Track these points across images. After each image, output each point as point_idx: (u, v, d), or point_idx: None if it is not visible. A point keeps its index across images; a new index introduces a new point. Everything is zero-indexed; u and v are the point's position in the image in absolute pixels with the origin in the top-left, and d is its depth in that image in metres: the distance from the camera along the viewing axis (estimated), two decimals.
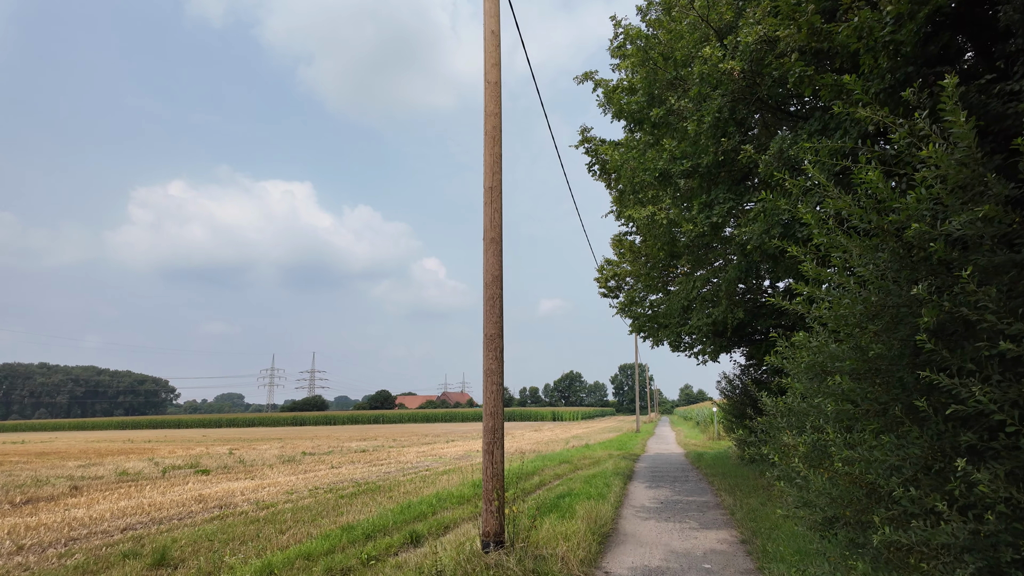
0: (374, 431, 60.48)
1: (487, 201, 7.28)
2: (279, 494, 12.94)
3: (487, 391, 6.90)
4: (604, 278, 20.87)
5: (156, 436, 61.91)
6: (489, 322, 7.01)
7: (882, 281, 3.52)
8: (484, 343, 7.01)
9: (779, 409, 5.85)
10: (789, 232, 6.16)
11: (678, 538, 8.45)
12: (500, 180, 7.36)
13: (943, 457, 3.44)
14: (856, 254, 3.59)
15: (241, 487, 14.21)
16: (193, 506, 11.38)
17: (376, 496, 12.26)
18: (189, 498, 12.31)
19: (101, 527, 9.39)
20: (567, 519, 8.54)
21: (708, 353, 16.92)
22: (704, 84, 7.00)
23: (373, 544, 7.72)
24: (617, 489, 12.62)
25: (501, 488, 6.62)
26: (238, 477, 16.77)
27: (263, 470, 18.66)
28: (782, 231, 6.15)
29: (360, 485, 14.21)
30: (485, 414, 6.86)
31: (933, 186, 3.21)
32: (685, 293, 11.63)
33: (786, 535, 7.83)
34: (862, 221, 3.68)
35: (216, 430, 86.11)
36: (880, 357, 3.61)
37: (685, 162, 7.47)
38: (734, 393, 18.76)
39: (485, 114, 7.49)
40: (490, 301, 7.05)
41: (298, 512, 10.40)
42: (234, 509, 11.01)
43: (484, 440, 6.79)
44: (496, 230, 7.20)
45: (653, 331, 16.10)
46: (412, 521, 9.22)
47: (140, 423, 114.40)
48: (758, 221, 6.37)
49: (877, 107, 3.85)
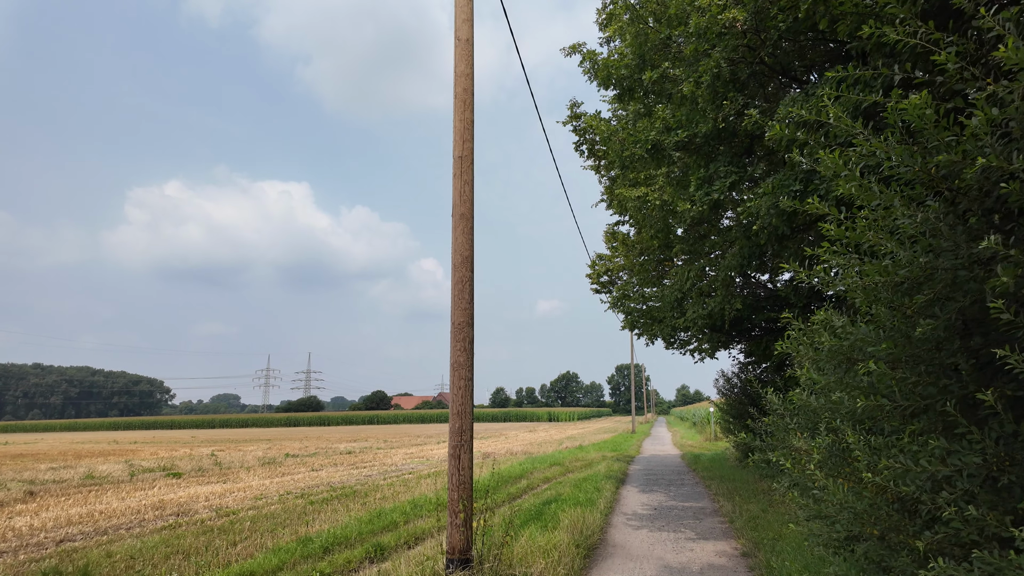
0: (366, 432, 59.56)
1: (456, 172, 6.45)
2: (246, 500, 12.08)
3: (455, 387, 6.06)
4: (596, 273, 20.09)
5: (145, 437, 60.87)
6: (457, 309, 6.18)
7: (932, 238, 2.70)
8: (452, 333, 6.17)
9: (787, 408, 5.04)
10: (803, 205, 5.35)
11: (672, 550, 7.63)
12: (472, 149, 6.53)
13: (1013, 467, 2.64)
14: (897, 206, 2.76)
15: (208, 492, 13.35)
16: (148, 513, 10.51)
17: (349, 502, 11.41)
18: (148, 504, 11.45)
19: (36, 538, 8.53)
20: (549, 530, 7.71)
21: (704, 350, 16.12)
22: (701, 40, 6.18)
23: (330, 560, 6.88)
24: (608, 494, 11.80)
25: (469, 497, 5.79)
26: (210, 481, 15.89)
27: (239, 473, 17.77)
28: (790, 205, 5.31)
29: (335, 490, 13.36)
30: (452, 413, 6.03)
31: (1007, 104, 2.40)
32: (680, 284, 10.80)
33: (792, 547, 7.01)
34: (903, 165, 2.87)
35: (207, 431, 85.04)
36: (925, 339, 2.80)
37: (680, 132, 6.65)
38: (732, 392, 17.98)
39: (455, 75, 6.66)
40: (459, 285, 6.22)
41: (259, 521, 9.55)
42: (191, 517, 10.15)
43: (450, 443, 5.95)
44: (466, 205, 6.37)
45: (647, 326, 15.28)
46: (380, 532, 8.38)
47: (133, 424, 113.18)
48: (766, 195, 5.54)
49: (917, 22, 3.04)
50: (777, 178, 5.50)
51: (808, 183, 5.34)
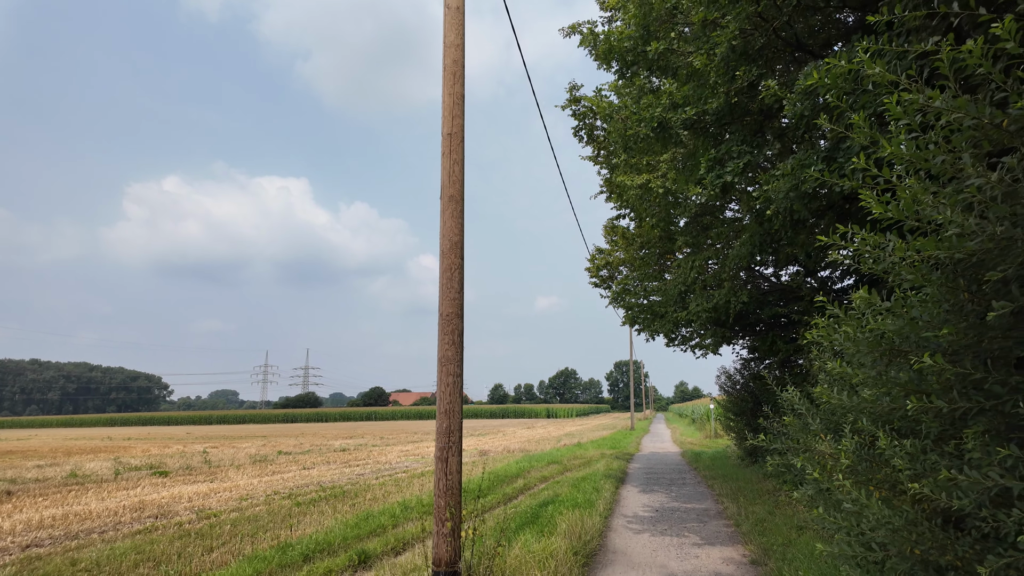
0: (363, 428, 59.08)
1: (445, 151, 5.94)
2: (231, 500, 11.60)
3: (442, 383, 5.57)
4: (595, 267, 19.62)
5: (140, 434, 60.31)
6: (446, 299, 5.69)
7: (1010, 203, 2.22)
8: (439, 324, 5.68)
9: (807, 407, 4.54)
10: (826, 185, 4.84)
11: (676, 557, 7.17)
12: (462, 126, 6.02)
13: None
14: (967, 162, 2.27)
15: (193, 491, 12.86)
16: (126, 516, 10.02)
17: (338, 503, 10.93)
18: (128, 505, 10.96)
19: (2, 543, 8.04)
20: (546, 535, 7.23)
21: (707, 346, 15.65)
22: (711, 7, 5.67)
23: (310, 568, 6.40)
24: (608, 495, 11.34)
25: (457, 504, 5.31)
26: (196, 480, 15.40)
27: (228, 471, 17.28)
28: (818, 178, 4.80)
29: (325, 489, 12.88)
30: (439, 412, 5.53)
31: None
32: (683, 276, 10.29)
33: (804, 555, 6.55)
34: (968, 118, 2.38)
35: (204, 427, 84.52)
36: (996, 325, 2.32)
37: (688, 109, 6.14)
38: (735, 389, 17.48)
39: (444, 46, 6.15)
40: (447, 272, 5.73)
41: (241, 524, 9.07)
42: (170, 520, 9.66)
43: (437, 445, 5.46)
44: (456, 186, 5.86)
45: (648, 322, 14.79)
46: (366, 537, 7.91)
47: (129, 420, 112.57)
48: (785, 176, 5.03)
49: None
50: (797, 157, 5.01)
51: (831, 161, 4.85)
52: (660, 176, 10.02)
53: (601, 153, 11.01)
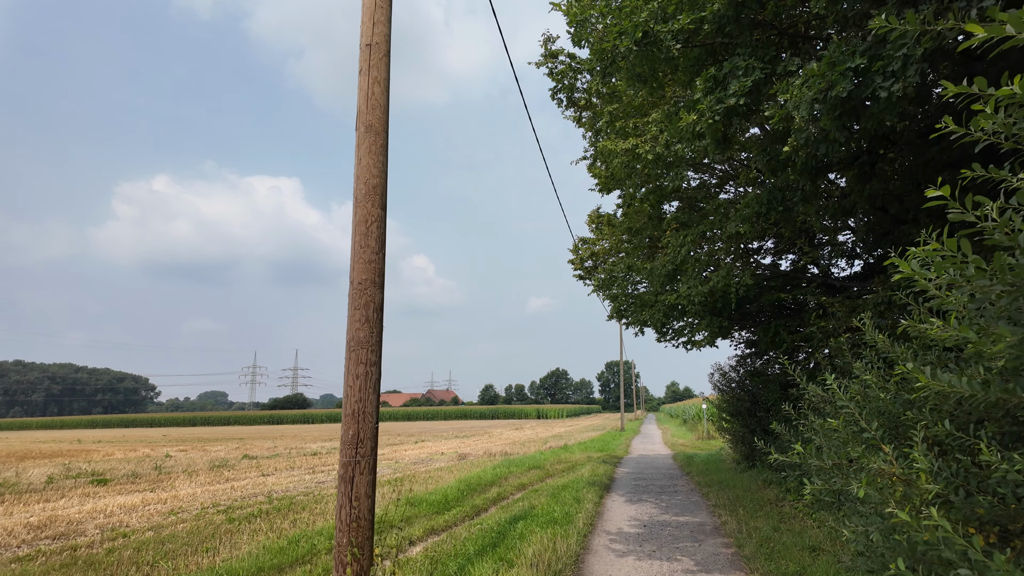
0: None
1: (364, 67, 4.49)
2: (157, 515, 10.08)
3: (350, 374, 4.11)
4: (579, 258, 18.29)
5: (115, 436, 58.28)
6: (359, 261, 4.23)
7: None
8: (351, 295, 4.23)
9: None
10: (866, 90, 3.44)
11: None
12: (386, 35, 4.58)
13: None
14: None
15: (121, 503, 11.32)
16: (21, 535, 8.49)
17: (277, 519, 9.44)
18: (33, 522, 9.41)
19: None
20: (505, 567, 5.79)
21: (702, 340, 14.29)
22: None
23: None
24: (590, 506, 9.94)
25: (368, 540, 3.85)
26: (136, 489, 13.83)
27: (176, 479, 15.71)
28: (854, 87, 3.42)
29: (272, 501, 11.38)
30: (344, 414, 4.07)
31: None
32: (673, 253, 8.89)
33: None
34: None
35: (185, 429, 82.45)
36: None
37: (682, 17, 4.73)
38: (730, 387, 16.12)
39: None
40: (363, 225, 4.27)
41: (149, 546, 7.57)
42: (70, 541, 8.15)
43: (341, 458, 4.00)
44: (375, 113, 4.41)
45: (636, 312, 13.40)
46: (288, 566, 6.43)
47: (112, 422, 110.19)
48: (814, 78, 3.61)
49: None
50: (828, 54, 3.60)
51: (875, 57, 3.46)
52: (650, 139, 8.64)
53: (584, 115, 9.59)
